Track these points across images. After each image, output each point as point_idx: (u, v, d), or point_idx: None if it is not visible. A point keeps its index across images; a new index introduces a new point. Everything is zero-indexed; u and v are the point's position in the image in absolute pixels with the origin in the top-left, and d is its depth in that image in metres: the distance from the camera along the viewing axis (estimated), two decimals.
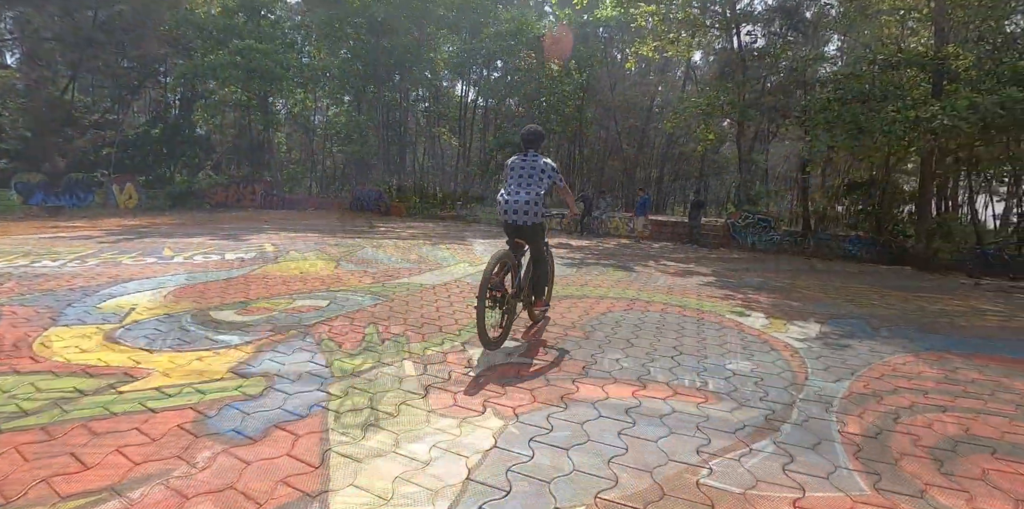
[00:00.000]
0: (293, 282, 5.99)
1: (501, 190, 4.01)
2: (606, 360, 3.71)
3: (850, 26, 16.10)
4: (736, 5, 18.83)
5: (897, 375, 3.91)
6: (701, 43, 20.26)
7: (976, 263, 12.97)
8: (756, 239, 16.05)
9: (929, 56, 12.62)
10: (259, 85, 23.76)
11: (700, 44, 20.28)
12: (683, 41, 19.97)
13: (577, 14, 23.22)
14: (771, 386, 3.45)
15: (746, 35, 19.45)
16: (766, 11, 19.53)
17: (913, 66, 12.94)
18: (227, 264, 7.18)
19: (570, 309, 5.33)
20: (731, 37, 19.17)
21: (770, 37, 20.79)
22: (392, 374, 3.19)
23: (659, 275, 8.36)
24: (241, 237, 10.85)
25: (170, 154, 28.90)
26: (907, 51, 13.44)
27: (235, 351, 3.50)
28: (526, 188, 3.89)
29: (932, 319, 6.30)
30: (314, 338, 3.84)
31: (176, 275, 6.18)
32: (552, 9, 25.03)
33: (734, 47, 18.87)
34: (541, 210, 3.92)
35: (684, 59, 25.18)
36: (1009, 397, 3.64)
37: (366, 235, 12.71)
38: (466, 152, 30.84)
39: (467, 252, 10.04)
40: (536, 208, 3.88)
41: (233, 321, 4.23)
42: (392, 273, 6.96)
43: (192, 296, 5.10)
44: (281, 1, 28.68)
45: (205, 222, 15.23)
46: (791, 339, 4.73)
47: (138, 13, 26.51)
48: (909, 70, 13.30)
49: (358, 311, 4.71)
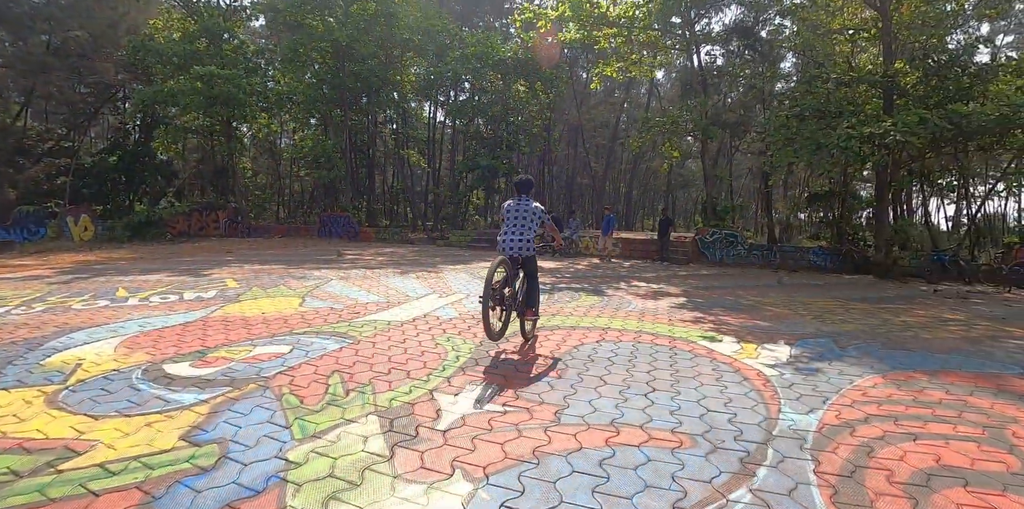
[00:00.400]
0: (255, 324, 5.76)
1: (502, 229, 5.04)
2: (579, 403, 3.63)
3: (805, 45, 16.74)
4: (695, 25, 19.43)
5: (867, 401, 3.94)
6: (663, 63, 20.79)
7: (933, 269, 13.43)
8: (724, 254, 16.33)
9: (879, 74, 13.18)
10: (222, 111, 23.36)
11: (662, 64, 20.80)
12: (645, 61, 20.49)
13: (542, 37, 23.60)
14: (745, 423, 3.41)
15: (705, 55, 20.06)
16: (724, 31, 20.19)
17: (864, 83, 13.49)
18: (185, 305, 6.90)
19: (543, 343, 5.25)
20: (691, 57, 19.73)
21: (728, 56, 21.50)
22: (356, 433, 3.04)
23: (630, 299, 8.37)
24: (202, 272, 10.49)
25: (129, 182, 28.09)
26: (859, 69, 14.04)
27: (188, 413, 3.30)
28: (520, 231, 4.95)
29: (897, 333, 6.44)
30: (274, 392, 3.66)
31: (130, 321, 5.89)
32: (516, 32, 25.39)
33: (695, 66, 19.41)
34: (532, 246, 5.00)
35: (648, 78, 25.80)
36: (976, 418, 3.70)
37: (333, 265, 12.46)
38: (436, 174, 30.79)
39: (437, 281, 9.90)
40: (529, 244, 4.96)
41: (188, 375, 4.01)
42: (359, 309, 6.78)
43: (145, 346, 4.85)
44: (244, 26, 28.46)
45: (165, 255, 14.73)
46: (762, 366, 4.74)
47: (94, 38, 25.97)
48: (861, 87, 13.86)
49: (322, 357, 4.53)
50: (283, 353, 4.61)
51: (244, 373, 4.07)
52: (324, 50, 25.77)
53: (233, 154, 27.26)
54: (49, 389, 3.72)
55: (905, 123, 10.63)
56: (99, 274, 10.10)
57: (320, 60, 26.96)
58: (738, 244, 16.32)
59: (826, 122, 13.04)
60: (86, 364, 4.28)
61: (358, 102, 28.31)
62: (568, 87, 29.15)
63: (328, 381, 3.91)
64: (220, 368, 4.18)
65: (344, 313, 6.47)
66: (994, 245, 22.45)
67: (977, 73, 12.26)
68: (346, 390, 3.72)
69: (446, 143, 32.42)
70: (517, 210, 5.00)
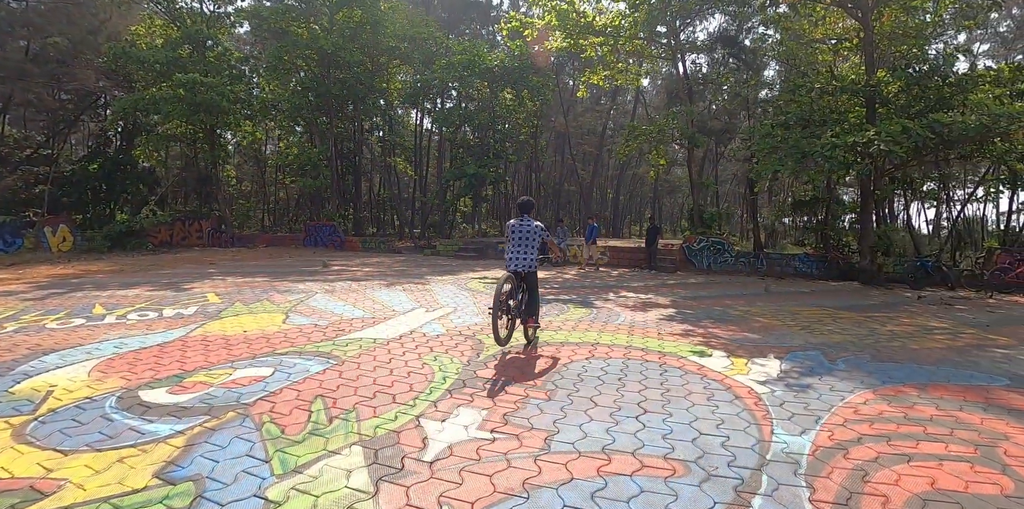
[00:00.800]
0: (235, 344, 5.61)
1: (508, 247, 5.70)
2: (569, 427, 3.55)
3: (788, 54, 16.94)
4: (680, 34, 19.59)
5: (859, 419, 3.91)
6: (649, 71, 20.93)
7: (917, 275, 13.57)
8: (712, 261, 16.39)
9: (862, 83, 13.36)
10: (205, 118, 23.04)
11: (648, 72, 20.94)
12: (631, 69, 20.61)
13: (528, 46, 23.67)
14: (738, 446, 3.35)
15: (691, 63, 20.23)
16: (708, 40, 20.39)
17: (847, 92, 13.66)
18: (164, 323, 6.72)
19: (531, 362, 5.16)
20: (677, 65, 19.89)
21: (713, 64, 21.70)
22: (339, 467, 2.92)
23: (619, 311, 8.32)
24: (183, 285, 10.27)
25: (110, 190, 27.55)
26: (842, 78, 14.21)
27: (164, 446, 3.17)
28: (524, 249, 5.62)
29: (884, 344, 6.45)
30: (254, 421, 3.53)
31: (105, 341, 5.71)
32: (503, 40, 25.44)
33: (680, 74, 19.57)
34: (535, 262, 5.67)
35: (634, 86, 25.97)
36: (967, 435, 3.68)
37: (319, 277, 12.28)
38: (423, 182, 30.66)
39: (424, 294, 9.78)
40: (531, 261, 5.63)
41: (164, 403, 3.86)
42: (343, 326, 6.65)
43: (121, 370, 4.68)
44: (228, 33, 28.17)
45: (146, 267, 14.43)
46: (753, 382, 4.69)
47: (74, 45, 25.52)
48: (843, 96, 14.03)
49: (305, 380, 4.40)
50: (264, 376, 4.47)
51: (223, 399, 3.94)
52: (309, 57, 25.61)
53: (217, 162, 26.90)
54: (17, 421, 3.56)
55: (889, 132, 10.76)
56: (76, 289, 9.84)
57: (305, 67, 26.78)
58: (725, 252, 16.39)
59: (810, 131, 13.17)
60: (58, 391, 4.11)
61: (344, 109, 28.14)
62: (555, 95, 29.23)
63: (311, 407, 3.79)
64: (198, 394, 4.04)
65: (328, 330, 6.34)
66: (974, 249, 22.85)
67: (957, 83, 12.47)
68: (329, 417, 3.61)
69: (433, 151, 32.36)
70: (520, 229, 5.64)
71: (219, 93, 21.61)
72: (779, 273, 15.54)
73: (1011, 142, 11.79)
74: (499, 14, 36.77)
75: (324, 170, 26.43)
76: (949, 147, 12.06)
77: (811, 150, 12.03)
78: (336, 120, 27.60)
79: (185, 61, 23.15)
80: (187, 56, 23.80)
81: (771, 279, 14.48)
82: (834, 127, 12.80)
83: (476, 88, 26.64)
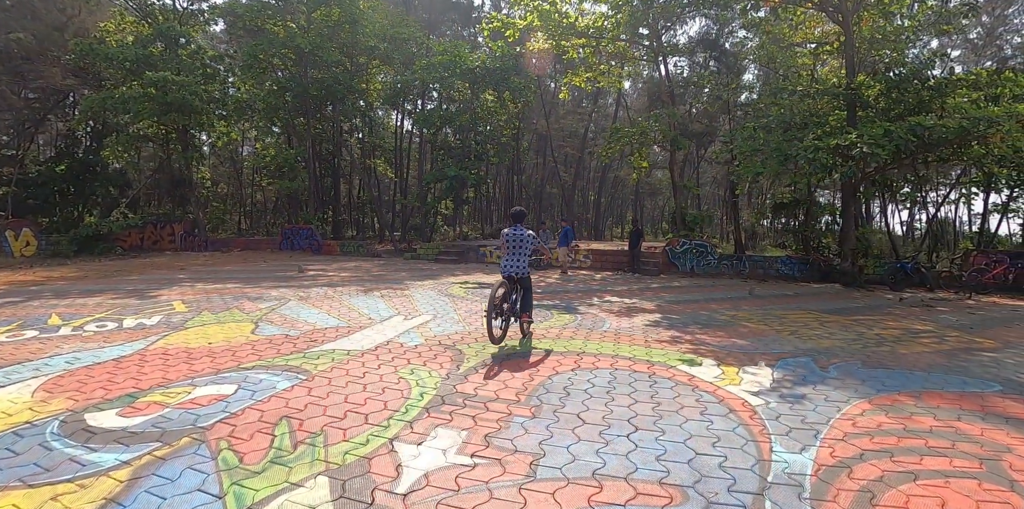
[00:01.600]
0: (198, 358, 5.24)
1: (502, 254, 6.24)
2: (556, 450, 3.29)
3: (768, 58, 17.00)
4: (662, 37, 19.57)
5: (859, 433, 3.76)
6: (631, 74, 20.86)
7: (897, 277, 13.65)
8: (695, 264, 16.32)
9: (842, 86, 13.40)
10: (177, 118, 22.34)
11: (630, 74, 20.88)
12: (614, 71, 20.53)
13: (510, 46, 23.44)
14: (737, 467, 3.14)
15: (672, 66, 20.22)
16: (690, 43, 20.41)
17: (828, 95, 13.70)
18: (124, 335, 6.30)
19: (514, 374, 4.90)
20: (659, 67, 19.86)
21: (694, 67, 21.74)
22: (302, 503, 2.62)
23: (604, 317, 8.10)
24: (149, 293, 9.78)
25: (79, 193, 26.60)
26: (823, 81, 14.26)
27: (106, 479, 2.83)
28: (517, 255, 6.14)
29: (873, 349, 6.36)
30: (210, 449, 3.20)
31: (57, 356, 5.29)
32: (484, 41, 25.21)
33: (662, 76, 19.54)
34: (527, 267, 6.16)
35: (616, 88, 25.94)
36: (970, 448, 3.56)
37: (293, 282, 11.86)
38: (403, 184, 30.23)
39: (403, 300, 9.46)
40: (524, 267, 6.13)
41: (113, 427, 3.51)
42: (316, 336, 6.31)
43: (69, 389, 4.30)
44: (202, 31, 27.43)
45: (111, 273, 13.83)
46: (746, 393, 4.51)
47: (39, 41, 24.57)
48: (824, 99, 14.07)
49: (270, 398, 4.07)
50: (226, 395, 4.13)
51: (178, 422, 3.59)
52: (286, 56, 25.05)
53: (191, 163, 26.14)
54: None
55: (871, 135, 10.77)
56: (34, 296, 9.30)
57: (282, 67, 26.21)
58: (708, 254, 16.33)
59: (792, 134, 13.17)
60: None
61: (323, 110, 27.60)
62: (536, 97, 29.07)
63: (274, 431, 3.47)
64: (151, 417, 3.69)
65: (300, 341, 5.99)
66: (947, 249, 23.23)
67: (936, 86, 12.57)
68: (294, 442, 3.29)
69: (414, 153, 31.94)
70: (514, 238, 6.15)
71: (192, 92, 20.97)
72: (761, 275, 15.53)
73: (987, 146, 11.91)
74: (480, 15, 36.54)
75: (302, 172, 25.86)
76: (929, 150, 12.14)
77: (793, 153, 12.01)
78: (314, 121, 27.05)
79: (156, 59, 22.45)
80: (158, 54, 23.07)
81: (754, 282, 14.44)
82: (815, 130, 12.81)
83: (457, 89, 26.34)
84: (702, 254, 16.36)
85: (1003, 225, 21.42)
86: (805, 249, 17.09)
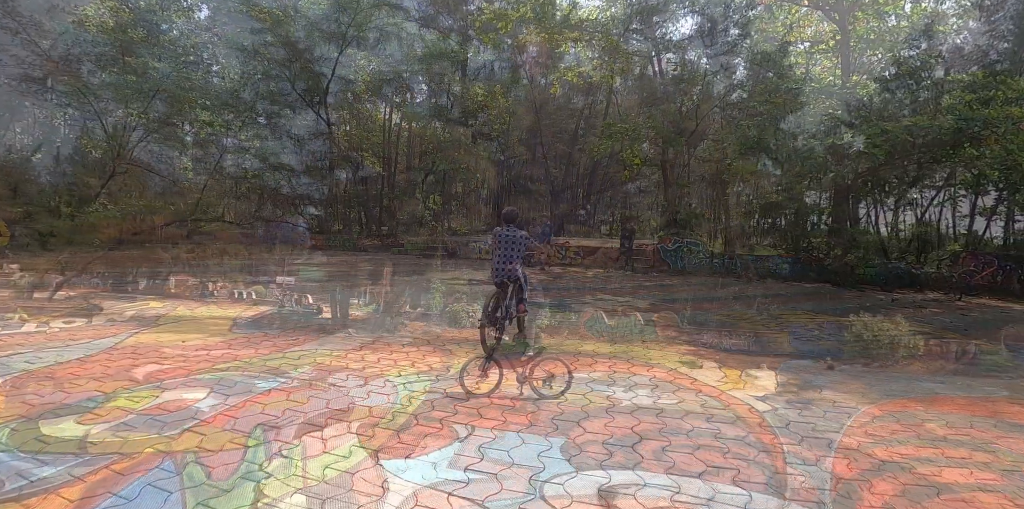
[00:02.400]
0: (170, 357, 4.91)
1: (493, 255, 5.84)
2: (557, 463, 3.03)
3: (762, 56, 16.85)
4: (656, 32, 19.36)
5: (872, 441, 3.59)
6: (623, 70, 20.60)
7: (888, 277, 13.61)
8: (686, 262, 16.18)
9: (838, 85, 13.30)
10: (158, 107, 21.66)
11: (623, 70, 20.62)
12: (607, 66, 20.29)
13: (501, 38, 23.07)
14: (752, 482, 2.91)
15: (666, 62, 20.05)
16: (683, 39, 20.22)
17: (823, 94, 13.60)
18: (92, 332, 5.93)
19: (508, 377, 4.62)
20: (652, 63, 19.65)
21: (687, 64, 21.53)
22: None
23: (599, 315, 7.86)
24: (124, 287, 9.37)
25: (57, 182, 25.79)
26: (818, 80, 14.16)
27: (54, 499, 2.52)
28: (508, 257, 5.74)
29: (873, 350, 6.20)
30: (175, 462, 2.89)
31: (16, 355, 4.93)
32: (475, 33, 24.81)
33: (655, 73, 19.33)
34: (518, 269, 5.78)
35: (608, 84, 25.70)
36: (988, 459, 3.41)
37: (276, 276, 11.48)
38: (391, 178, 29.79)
39: (389, 296, 9.15)
40: (517, 268, 5.75)
41: (68, 437, 3.19)
42: (297, 335, 5.99)
43: (26, 392, 3.95)
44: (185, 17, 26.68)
45: (87, 266, 13.31)
46: (752, 399, 4.30)
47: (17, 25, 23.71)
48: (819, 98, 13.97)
49: (244, 403, 3.76)
50: (197, 399, 3.81)
51: (142, 431, 3.28)
52: (272, 45, 24.43)
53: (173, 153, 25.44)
54: None
55: (868, 135, 10.64)
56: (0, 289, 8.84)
57: (268, 56, 25.56)
58: (700, 252, 16.20)
59: (787, 132, 13.04)
60: None
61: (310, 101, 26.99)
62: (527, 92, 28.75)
63: (247, 441, 3.17)
64: (112, 424, 3.37)
65: (279, 340, 5.67)
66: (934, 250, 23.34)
67: (930, 87, 12.50)
68: (268, 455, 3.00)
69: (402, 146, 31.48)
70: (506, 238, 5.83)
71: (173, 80, 20.32)
72: (753, 274, 15.42)
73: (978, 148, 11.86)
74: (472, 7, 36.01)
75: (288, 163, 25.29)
76: (923, 150, 12.07)
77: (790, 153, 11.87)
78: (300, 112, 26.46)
79: (137, 45, 21.75)
80: (140, 40, 22.37)
81: (746, 280, 14.32)
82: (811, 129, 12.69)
83: (447, 82, 25.92)
84: (694, 252, 16.22)
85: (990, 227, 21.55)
86: (795, 249, 17.01)
